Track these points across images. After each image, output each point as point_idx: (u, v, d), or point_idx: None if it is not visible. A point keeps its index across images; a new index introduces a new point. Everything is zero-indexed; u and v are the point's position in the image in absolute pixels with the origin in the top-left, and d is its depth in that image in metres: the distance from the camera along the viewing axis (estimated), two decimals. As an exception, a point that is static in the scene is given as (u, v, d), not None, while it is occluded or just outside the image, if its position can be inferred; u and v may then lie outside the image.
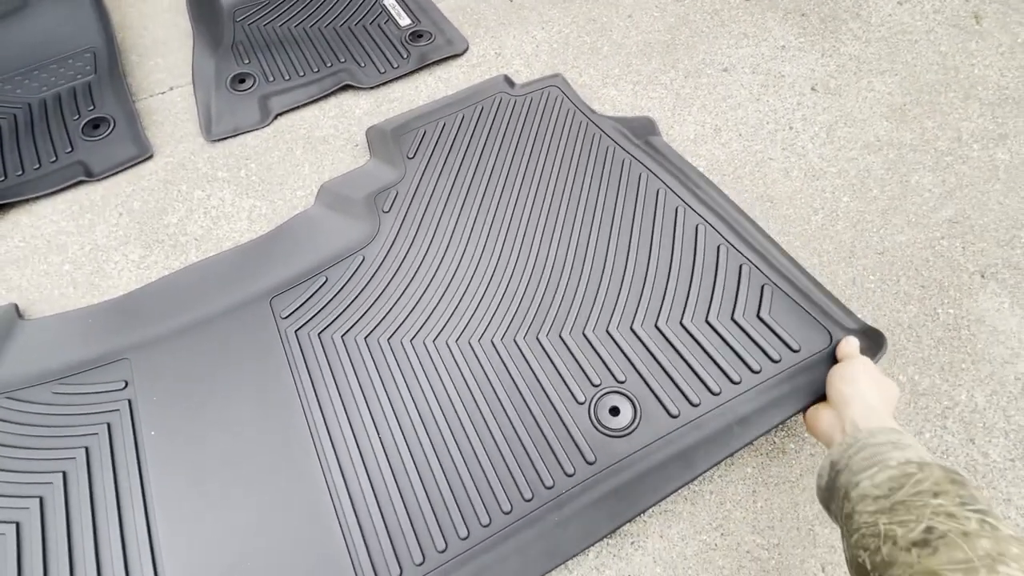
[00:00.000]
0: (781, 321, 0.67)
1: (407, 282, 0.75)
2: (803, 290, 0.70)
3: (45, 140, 0.90)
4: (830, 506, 0.45)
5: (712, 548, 0.58)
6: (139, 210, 0.84)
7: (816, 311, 0.68)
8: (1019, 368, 0.68)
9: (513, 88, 0.96)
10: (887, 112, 0.92)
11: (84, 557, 0.58)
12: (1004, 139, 0.88)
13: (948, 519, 0.33)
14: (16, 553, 0.58)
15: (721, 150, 0.89)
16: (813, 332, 0.66)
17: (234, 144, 0.91)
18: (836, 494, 0.43)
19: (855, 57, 1.00)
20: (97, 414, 0.66)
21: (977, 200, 0.82)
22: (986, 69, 0.97)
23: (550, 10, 1.11)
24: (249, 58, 1.01)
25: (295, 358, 0.69)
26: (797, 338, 0.66)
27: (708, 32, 1.06)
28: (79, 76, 0.99)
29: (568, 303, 0.72)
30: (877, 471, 0.40)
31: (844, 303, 0.70)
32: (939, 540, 0.32)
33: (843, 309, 0.68)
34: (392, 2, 1.11)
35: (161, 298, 0.75)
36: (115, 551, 0.58)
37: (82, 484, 0.61)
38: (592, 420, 0.64)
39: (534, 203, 0.82)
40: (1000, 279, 0.75)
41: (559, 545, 0.58)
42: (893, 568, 0.32)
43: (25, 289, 0.77)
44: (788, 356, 0.65)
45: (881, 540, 0.34)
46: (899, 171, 0.85)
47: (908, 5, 1.08)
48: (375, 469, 0.62)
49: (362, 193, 0.83)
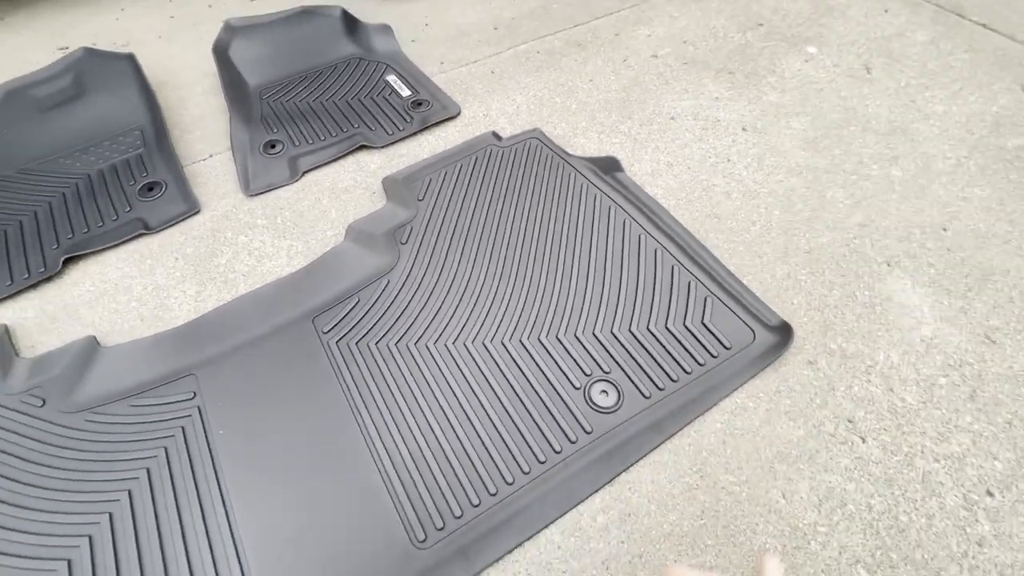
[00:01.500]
0: (719, 325, 0.84)
1: (426, 298, 0.90)
2: (736, 297, 0.88)
3: (106, 202, 1.06)
4: None
5: (694, 488, 0.72)
6: (192, 255, 0.99)
7: (745, 315, 0.85)
8: (923, 332, 0.85)
9: (500, 141, 1.16)
10: (803, 144, 1.14)
11: (172, 535, 0.68)
12: (896, 160, 1.10)
13: None
14: (111, 541, 0.68)
15: (674, 180, 1.09)
16: (742, 333, 0.84)
17: (269, 197, 1.08)
18: None
19: (775, 103, 1.24)
20: (171, 420, 0.78)
21: (879, 207, 1.02)
22: (878, 108, 1.21)
23: (525, 78, 1.34)
24: (277, 128, 1.20)
25: (338, 364, 0.83)
26: (730, 338, 0.83)
27: (656, 89, 1.29)
28: (130, 150, 1.16)
29: (559, 312, 0.88)
30: None
31: (775, 297, 0.87)
32: None
33: (767, 310, 0.86)
34: (394, 78, 1.33)
35: (219, 323, 0.88)
36: (199, 529, 0.68)
37: (164, 477, 0.73)
38: (587, 401, 0.78)
39: (523, 232, 1.00)
40: (902, 266, 0.93)
41: (569, 493, 0.71)
42: None
43: (99, 324, 0.89)
44: (723, 352, 0.82)
45: None
46: (816, 189, 1.06)
47: (813, 62, 1.34)
48: (414, 446, 0.74)
49: (383, 229, 0.99)
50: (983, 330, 0.84)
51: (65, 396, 0.80)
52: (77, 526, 0.69)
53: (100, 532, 0.68)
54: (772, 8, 1.51)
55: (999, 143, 1.11)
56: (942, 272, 0.92)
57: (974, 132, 1.14)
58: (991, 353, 0.82)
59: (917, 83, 1.26)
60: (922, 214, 1.01)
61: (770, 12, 1.49)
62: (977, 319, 0.86)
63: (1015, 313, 0.86)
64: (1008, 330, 0.84)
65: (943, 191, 1.04)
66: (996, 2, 1.46)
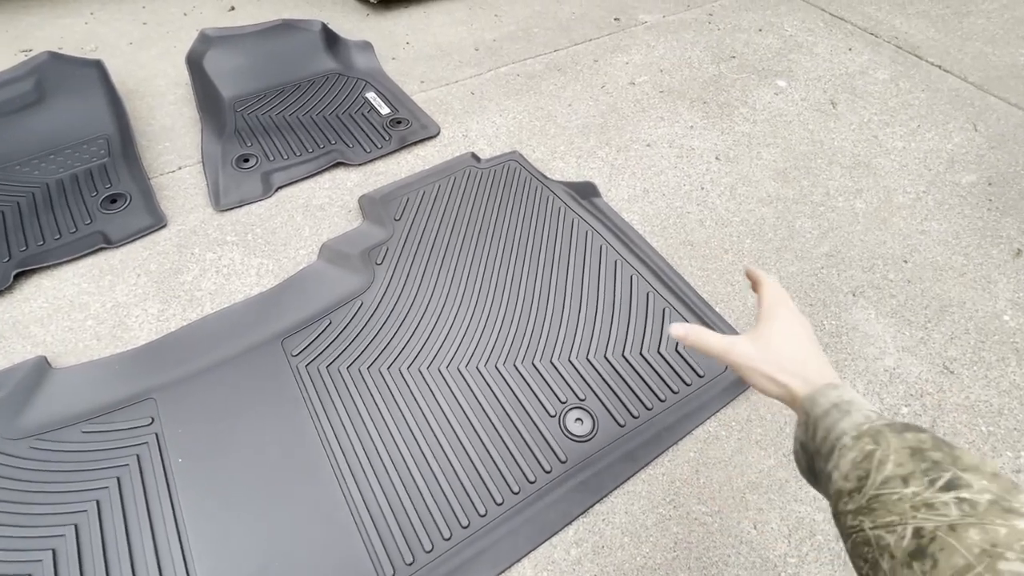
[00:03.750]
0: (692, 354, 0.85)
1: (400, 321, 0.89)
2: (710, 325, 0.89)
3: (65, 214, 1.01)
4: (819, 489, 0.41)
5: (667, 519, 0.72)
6: (156, 271, 0.95)
7: None
8: (886, 362, 0.88)
9: (479, 162, 1.17)
10: (773, 175, 1.18)
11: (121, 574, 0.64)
12: (860, 193, 1.14)
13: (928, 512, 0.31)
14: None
15: (650, 207, 1.11)
16: (714, 362, 0.85)
17: (241, 213, 1.05)
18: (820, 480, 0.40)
19: (746, 134, 1.27)
20: (126, 447, 0.74)
21: (845, 238, 1.06)
22: (843, 141, 1.26)
23: (505, 101, 1.35)
24: (251, 141, 1.17)
25: (307, 388, 0.80)
26: (703, 367, 0.84)
27: (633, 116, 1.32)
28: (94, 159, 1.11)
29: (536, 337, 0.87)
30: (839, 456, 0.37)
31: (747, 324, 0.89)
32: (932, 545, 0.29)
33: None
34: (373, 95, 1.32)
35: (182, 344, 0.85)
36: (151, 567, 0.64)
37: (115, 509, 0.68)
38: (562, 429, 0.78)
39: (501, 255, 0.99)
40: (867, 296, 0.97)
41: (543, 526, 0.69)
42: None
43: (50, 344, 0.85)
44: (696, 381, 0.83)
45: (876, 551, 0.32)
46: (786, 218, 1.09)
47: (782, 95, 1.39)
48: (384, 476, 0.72)
49: (358, 249, 0.98)
50: (942, 360, 0.88)
51: (9, 421, 0.75)
52: (16, 563, 0.64)
53: (42, 571, 0.64)
54: (744, 42, 1.56)
55: (954, 179, 1.17)
56: (903, 303, 0.95)
57: (931, 168, 1.20)
58: (949, 383, 0.85)
59: (879, 119, 1.32)
60: (884, 246, 1.04)
61: (742, 45, 1.55)
62: (936, 349, 0.89)
63: (971, 344, 0.89)
64: (965, 360, 0.87)
65: (903, 224, 1.08)
66: (950, 45, 1.55)
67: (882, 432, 0.36)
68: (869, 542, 0.33)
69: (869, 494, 0.34)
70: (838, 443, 0.37)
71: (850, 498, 0.35)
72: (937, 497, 0.31)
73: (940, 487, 0.31)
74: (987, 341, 0.90)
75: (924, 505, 0.31)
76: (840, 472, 0.36)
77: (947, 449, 0.33)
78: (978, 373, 0.86)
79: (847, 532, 0.35)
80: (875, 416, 0.37)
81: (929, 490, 0.32)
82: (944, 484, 0.31)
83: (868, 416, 0.38)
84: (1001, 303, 0.95)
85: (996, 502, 0.29)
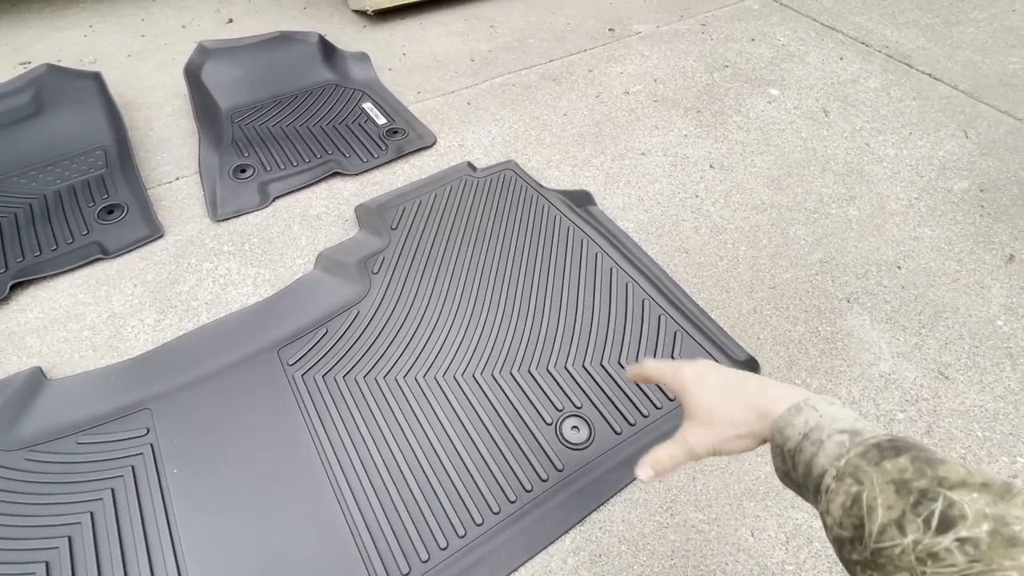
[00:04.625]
0: (687, 359, 0.85)
1: (396, 330, 0.89)
2: (705, 332, 0.89)
3: (61, 225, 1.01)
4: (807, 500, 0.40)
5: (665, 526, 0.71)
6: (152, 281, 0.95)
7: (714, 350, 0.87)
8: (882, 368, 0.88)
9: (475, 171, 1.17)
10: (767, 182, 1.19)
11: (114, 586, 0.63)
12: (853, 200, 1.15)
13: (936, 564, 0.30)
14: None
15: (645, 215, 1.11)
16: None
17: (238, 223, 1.06)
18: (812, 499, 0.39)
19: (740, 142, 1.29)
20: (121, 459, 0.73)
21: (839, 245, 1.06)
22: (835, 149, 1.27)
23: (501, 110, 1.36)
24: (248, 152, 1.18)
25: (303, 398, 0.80)
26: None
27: (627, 125, 1.33)
28: (91, 171, 1.12)
29: (531, 345, 0.88)
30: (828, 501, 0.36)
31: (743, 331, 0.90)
32: None
33: (734, 344, 0.88)
34: (370, 105, 1.33)
35: (178, 354, 0.84)
36: (144, 578, 0.64)
37: (110, 521, 0.68)
38: (558, 437, 0.78)
39: (497, 264, 1.00)
40: (861, 303, 0.97)
41: (539, 535, 0.69)
42: None
43: (46, 354, 0.85)
44: None
45: None
46: (780, 225, 1.10)
47: (775, 104, 1.40)
48: (380, 486, 0.72)
49: (354, 258, 0.98)
50: (936, 366, 0.88)
51: (4, 432, 0.75)
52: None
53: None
54: (737, 51, 1.58)
55: (946, 186, 1.18)
56: (897, 309, 0.96)
57: (923, 175, 1.21)
58: (944, 388, 0.85)
59: (871, 127, 1.33)
60: (878, 252, 1.05)
61: (735, 55, 1.57)
62: (931, 355, 0.89)
63: (965, 349, 0.90)
64: (959, 366, 0.88)
65: (896, 230, 1.09)
66: (940, 54, 1.57)
67: (861, 468, 0.35)
68: None
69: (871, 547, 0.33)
70: (821, 484, 0.37)
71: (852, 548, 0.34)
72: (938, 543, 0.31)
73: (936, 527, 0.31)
74: (981, 346, 0.90)
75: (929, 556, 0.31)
76: (833, 518, 0.36)
77: (930, 470, 0.33)
78: (973, 378, 0.86)
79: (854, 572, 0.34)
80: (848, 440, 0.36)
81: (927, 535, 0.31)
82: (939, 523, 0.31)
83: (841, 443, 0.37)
84: (995, 308, 0.96)
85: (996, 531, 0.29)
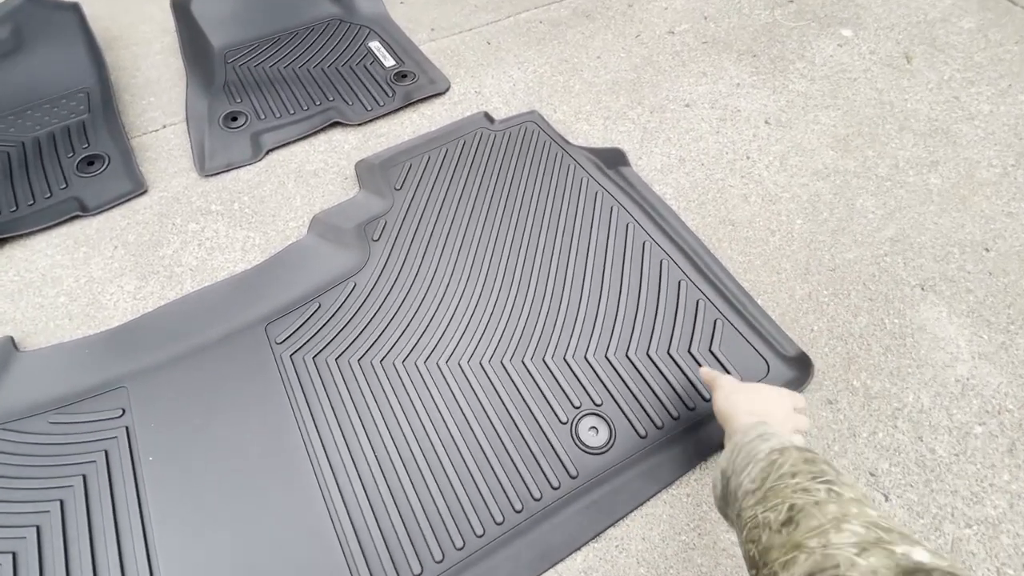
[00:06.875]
0: (728, 354, 0.74)
1: (397, 307, 0.79)
2: (750, 321, 0.77)
3: (39, 177, 0.93)
4: (727, 512, 0.47)
5: (691, 548, 0.63)
6: (134, 243, 0.87)
7: (759, 343, 0.75)
8: (958, 371, 0.75)
9: (493, 124, 1.03)
10: (832, 143, 1.02)
11: (83, 584, 0.58)
12: (935, 166, 0.98)
13: (804, 494, 0.38)
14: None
15: (686, 179, 0.97)
16: (754, 364, 0.73)
17: (227, 178, 0.95)
18: (729, 499, 0.46)
19: (802, 93, 1.10)
20: (94, 442, 0.67)
21: (914, 220, 0.91)
22: (917, 103, 1.08)
23: (525, 51, 1.20)
24: (241, 97, 1.06)
25: (290, 382, 0.72)
26: (740, 369, 0.72)
27: (670, 71, 1.15)
28: (73, 115, 1.02)
29: (549, 329, 0.77)
30: (752, 466, 0.44)
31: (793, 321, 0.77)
32: (799, 514, 0.36)
33: (784, 338, 0.76)
34: (377, 45, 1.18)
35: (157, 327, 0.77)
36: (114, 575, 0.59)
37: (80, 511, 0.63)
38: (574, 438, 0.68)
39: (514, 232, 0.88)
40: (938, 291, 0.83)
41: (547, 551, 0.61)
42: (771, 552, 0.36)
43: (20, 322, 0.78)
44: None
45: (761, 529, 0.38)
46: (845, 195, 0.94)
47: (847, 47, 1.19)
48: (372, 486, 0.64)
49: (352, 223, 0.87)
50: (1027, 372, 0.74)
51: (-27, 407, 0.70)
52: (-25, 567, 0.59)
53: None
54: (804, -17, 1.35)
55: (1052, 151, 0.99)
56: (982, 300, 0.81)
57: (1023, 137, 1.02)
58: (1035, 400, 0.72)
59: (962, 77, 1.12)
60: (962, 230, 0.89)
61: (802, -13, 1.34)
62: (1021, 357, 0.76)
63: (1064, 353, 0.76)
64: (1055, 373, 0.74)
65: (986, 204, 0.92)
66: (1053, -13, 1.31)
67: (788, 449, 0.44)
68: (758, 524, 0.39)
69: (766, 487, 0.41)
70: (753, 459, 0.45)
71: (752, 496, 0.42)
72: (813, 486, 0.39)
73: (819, 481, 0.39)
74: (1085, 350, 0.76)
75: (802, 490, 0.39)
76: (750, 477, 0.44)
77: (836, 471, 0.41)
78: (1072, 389, 0.72)
79: (743, 524, 0.41)
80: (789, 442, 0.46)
81: (810, 481, 0.39)
82: (822, 480, 0.39)
83: (783, 442, 0.46)
84: (1104, 304, 0.80)
85: (858, 500, 0.37)
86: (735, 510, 0.44)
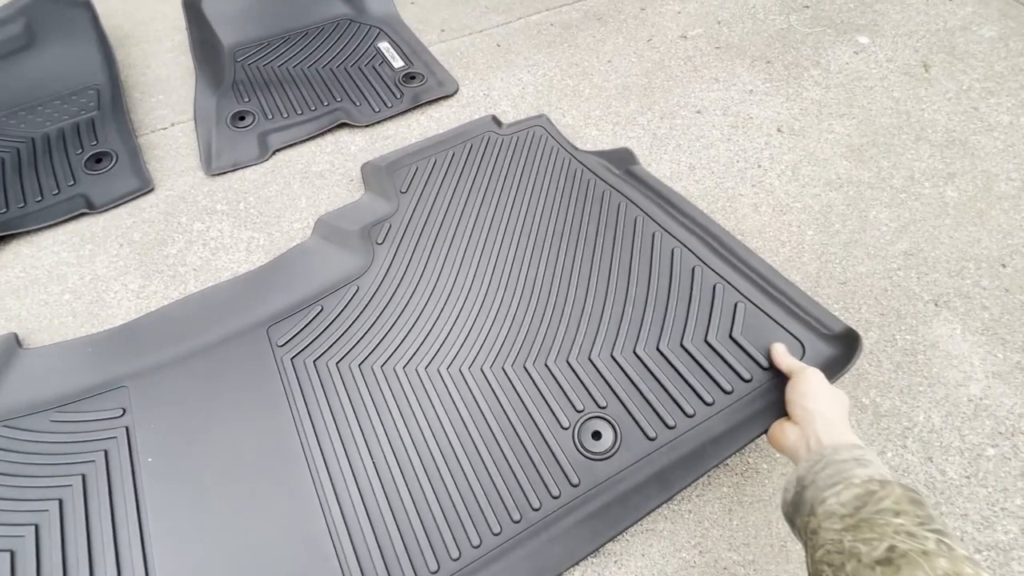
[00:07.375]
0: (752, 339, 0.71)
1: (400, 311, 0.79)
2: (779, 300, 0.73)
3: (48, 173, 0.93)
4: (795, 520, 0.47)
5: (691, 566, 0.61)
6: (139, 241, 0.87)
7: (794, 322, 0.71)
8: (971, 390, 0.73)
9: (500, 127, 1.02)
10: (846, 152, 1.00)
11: (79, 584, 0.58)
12: (952, 178, 0.96)
13: (908, 538, 0.35)
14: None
15: (695, 186, 0.95)
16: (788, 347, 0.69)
17: (233, 178, 0.95)
18: (801, 509, 0.46)
19: (816, 101, 1.08)
20: (94, 441, 0.67)
21: (929, 234, 0.88)
22: (935, 113, 1.06)
23: (535, 54, 1.19)
24: (249, 96, 1.06)
25: (291, 385, 0.72)
26: (767, 354, 0.69)
27: (682, 76, 1.14)
28: (83, 112, 1.02)
29: (552, 332, 0.76)
30: (842, 488, 0.42)
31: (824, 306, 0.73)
32: (901, 559, 0.34)
33: (826, 313, 0.71)
34: (386, 45, 1.18)
35: (160, 327, 0.77)
36: None
37: (78, 511, 0.63)
38: (576, 444, 0.67)
39: (520, 236, 0.87)
40: (952, 307, 0.81)
41: (545, 564, 0.60)
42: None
43: (24, 319, 0.78)
44: (759, 375, 0.68)
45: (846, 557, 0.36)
46: (858, 207, 0.92)
47: (864, 54, 1.17)
48: (368, 492, 0.64)
49: (357, 226, 0.87)
50: (1043, 393, 0.72)
51: (-24, 404, 0.70)
52: (-27, 564, 0.60)
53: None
54: (821, -12, 1.33)
55: (1073, 165, 0.97)
56: (998, 318, 0.79)
57: (1044, 150, 0.99)
58: (1051, 422, 0.70)
59: (981, 87, 1.10)
60: (978, 245, 0.87)
61: (818, -7, 1.32)
62: (1036, 378, 0.74)
63: (1082, 375, 0.74)
64: (1072, 395, 0.72)
65: (1004, 219, 0.90)
66: (1078, -4, 1.28)
67: (892, 484, 0.41)
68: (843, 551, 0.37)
69: (860, 516, 0.39)
70: (845, 480, 0.43)
71: (839, 520, 0.40)
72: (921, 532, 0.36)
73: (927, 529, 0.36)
74: (1104, 372, 0.74)
75: (907, 533, 0.36)
76: (839, 500, 0.42)
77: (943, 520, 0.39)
78: (1089, 412, 0.70)
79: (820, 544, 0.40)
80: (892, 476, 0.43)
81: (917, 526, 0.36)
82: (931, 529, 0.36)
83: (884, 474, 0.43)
84: (1125, 325, 0.78)
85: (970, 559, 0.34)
86: (808, 522, 0.43)
